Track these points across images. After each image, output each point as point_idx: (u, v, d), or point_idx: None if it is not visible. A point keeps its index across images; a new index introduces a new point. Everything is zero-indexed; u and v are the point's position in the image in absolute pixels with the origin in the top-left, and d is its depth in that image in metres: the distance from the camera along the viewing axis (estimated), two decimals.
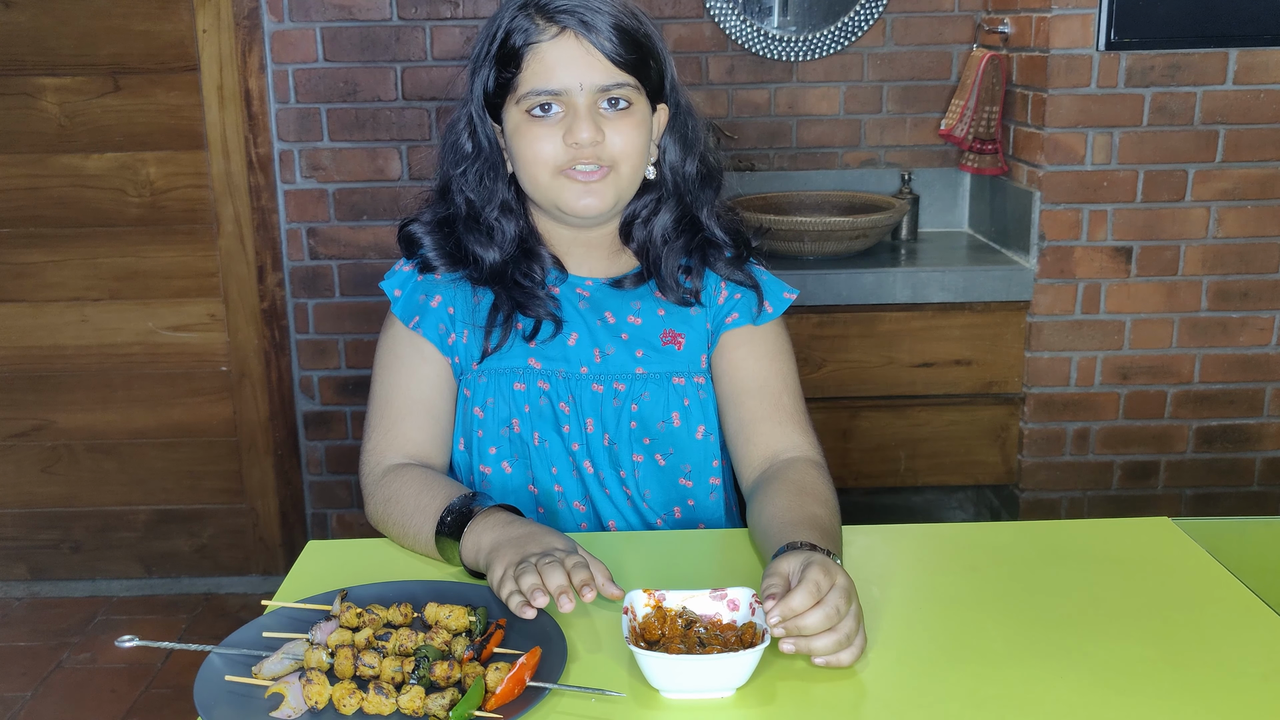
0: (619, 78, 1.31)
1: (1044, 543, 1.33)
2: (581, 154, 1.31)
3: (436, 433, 1.41)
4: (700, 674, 1.00)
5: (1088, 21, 2.43)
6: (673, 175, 1.41)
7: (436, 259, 1.41)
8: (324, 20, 2.81)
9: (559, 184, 1.34)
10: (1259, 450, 2.68)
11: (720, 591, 1.10)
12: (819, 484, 1.32)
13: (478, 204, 1.39)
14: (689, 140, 1.42)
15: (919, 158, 2.97)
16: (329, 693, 0.99)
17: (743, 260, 1.45)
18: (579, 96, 1.30)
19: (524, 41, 1.30)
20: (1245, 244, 2.55)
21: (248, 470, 3.04)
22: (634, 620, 1.07)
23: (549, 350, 1.41)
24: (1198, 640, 1.11)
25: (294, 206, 2.90)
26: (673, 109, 1.40)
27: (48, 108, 2.82)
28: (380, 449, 1.38)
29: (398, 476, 1.34)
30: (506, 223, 1.40)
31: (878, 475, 2.70)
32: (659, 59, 1.36)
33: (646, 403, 1.41)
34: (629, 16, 1.32)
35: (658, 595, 1.09)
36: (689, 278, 1.43)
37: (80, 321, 2.94)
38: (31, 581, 3.08)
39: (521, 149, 1.34)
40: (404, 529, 1.30)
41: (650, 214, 1.42)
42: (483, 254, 1.39)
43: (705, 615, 1.09)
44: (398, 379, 1.40)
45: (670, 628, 1.07)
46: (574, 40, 1.29)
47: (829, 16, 2.86)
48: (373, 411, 1.41)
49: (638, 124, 1.34)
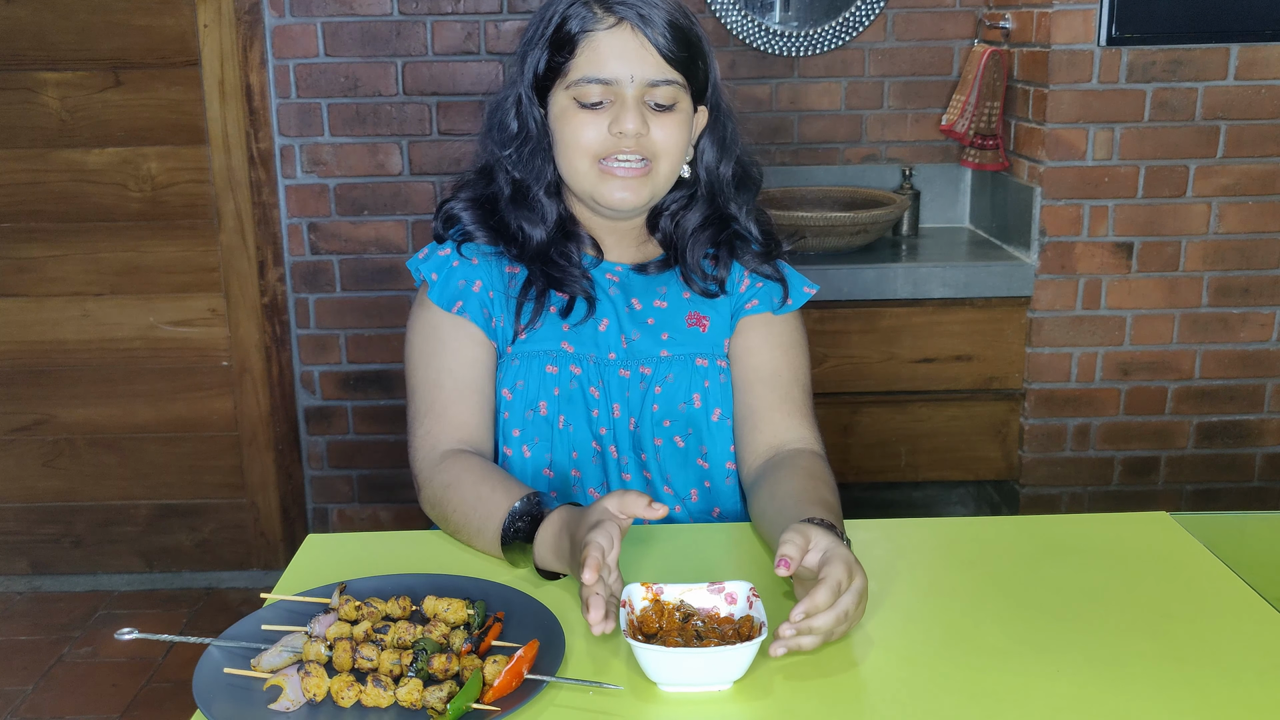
0: (669, 74, 1.33)
1: (1043, 538, 1.33)
2: (624, 144, 1.33)
3: (487, 416, 1.40)
4: (697, 667, 1.01)
5: (1089, 17, 2.43)
6: (707, 176, 1.44)
7: (477, 231, 1.42)
8: (325, 15, 2.80)
9: (597, 174, 1.35)
10: (1259, 446, 2.68)
11: (718, 585, 1.10)
12: (826, 474, 1.35)
13: (526, 182, 1.40)
14: (726, 143, 1.44)
15: (920, 153, 2.97)
16: (327, 685, 1.00)
17: (770, 257, 1.47)
18: (628, 88, 1.32)
19: (580, 28, 1.32)
20: (1246, 240, 2.55)
21: (249, 465, 3.04)
22: (632, 613, 1.07)
23: (581, 334, 1.42)
24: (1196, 635, 1.11)
25: (295, 201, 2.90)
26: (712, 111, 1.43)
27: (49, 102, 2.82)
28: (434, 434, 1.37)
29: (454, 465, 1.32)
30: (550, 204, 1.41)
31: (878, 470, 2.70)
32: (706, 59, 1.39)
33: (670, 384, 1.42)
34: (682, 15, 1.35)
35: (655, 589, 1.09)
36: (715, 265, 1.45)
37: (81, 316, 2.94)
38: (33, 576, 3.09)
39: (565, 134, 1.35)
40: (465, 519, 1.28)
41: (680, 209, 1.45)
42: (531, 231, 1.40)
43: (703, 609, 1.09)
44: (446, 362, 1.39)
45: (668, 621, 1.07)
46: (630, 32, 1.32)
47: (830, 12, 2.86)
48: (420, 397, 1.39)
49: (681, 123, 1.36)
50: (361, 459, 3.04)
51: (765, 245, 1.47)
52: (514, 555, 1.23)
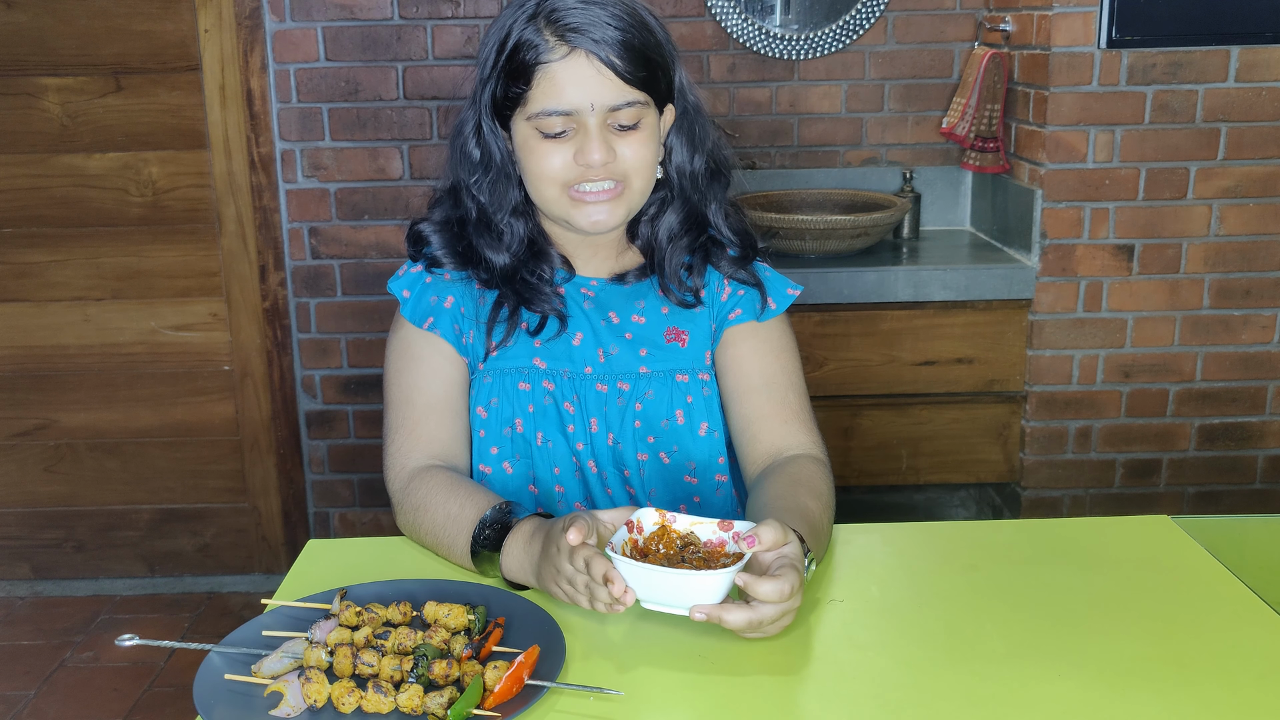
0: (629, 95, 1.29)
1: (1043, 541, 1.33)
2: (591, 174, 1.31)
3: (459, 430, 1.40)
4: (662, 585, 1.05)
5: (1089, 19, 2.43)
6: (678, 175, 1.41)
7: (445, 257, 1.41)
8: (325, 20, 2.81)
9: (568, 201, 1.33)
10: (1261, 448, 2.68)
11: (728, 523, 1.13)
12: (816, 478, 1.32)
13: (489, 209, 1.39)
14: (697, 138, 1.41)
15: (920, 156, 2.97)
16: (328, 691, 1.00)
17: (747, 260, 1.45)
18: (589, 116, 1.29)
19: (534, 60, 1.28)
20: (1247, 242, 2.55)
21: (250, 469, 3.04)
22: (640, 533, 1.11)
23: (554, 350, 1.41)
24: (1197, 639, 1.10)
25: (296, 206, 2.90)
26: (680, 108, 1.40)
27: (50, 108, 2.83)
28: (404, 451, 1.37)
29: (424, 482, 1.32)
30: (517, 224, 1.40)
31: (880, 473, 2.70)
32: (667, 68, 1.34)
33: (650, 401, 1.41)
34: (638, 29, 1.30)
35: (669, 516, 1.13)
36: (691, 275, 1.43)
37: (83, 321, 2.95)
38: (35, 581, 3.09)
39: (530, 165, 1.33)
40: (437, 539, 1.28)
41: (657, 212, 1.42)
42: (493, 258, 1.39)
43: (709, 542, 1.12)
44: (416, 379, 1.39)
45: (666, 544, 1.11)
46: (585, 60, 1.27)
47: (830, 15, 2.86)
48: (392, 414, 1.40)
49: (647, 138, 1.33)
50: (362, 463, 3.04)
51: (741, 248, 1.44)
52: (483, 565, 1.23)
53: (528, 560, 1.17)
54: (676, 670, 1.06)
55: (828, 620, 1.15)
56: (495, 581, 1.22)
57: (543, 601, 1.16)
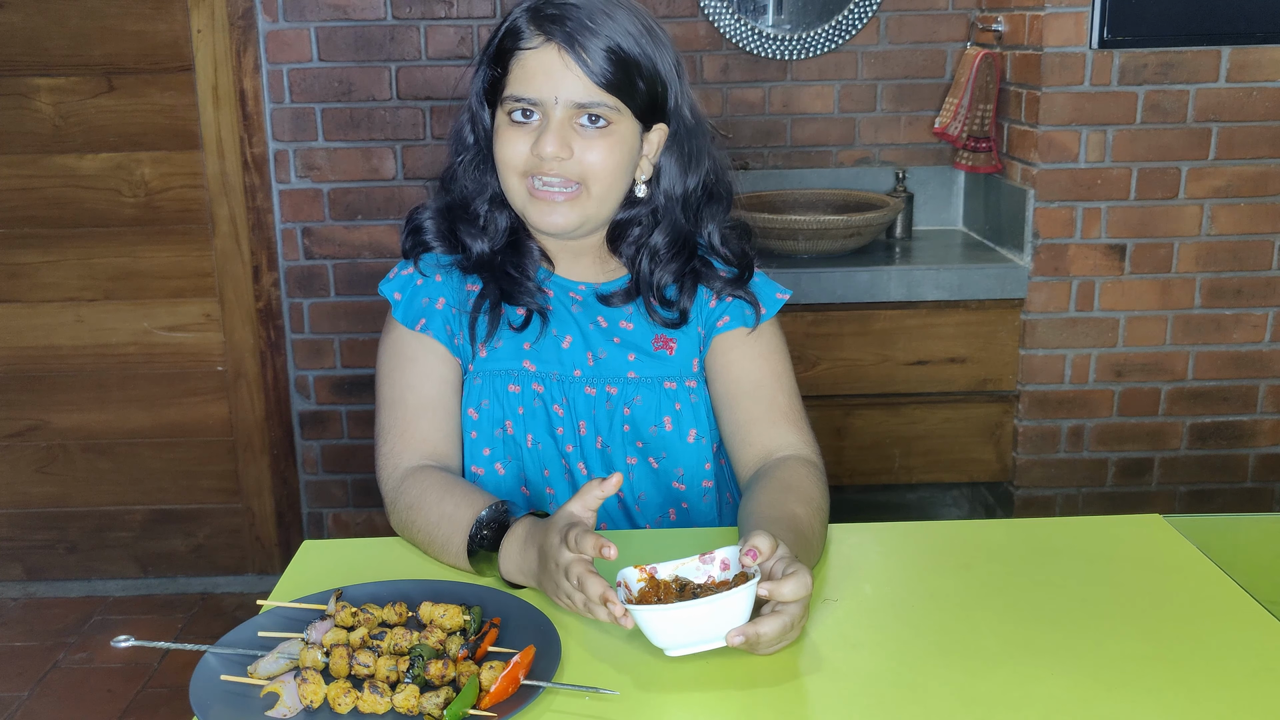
0: (599, 97, 1.29)
1: (1036, 540, 1.34)
2: (546, 167, 1.31)
3: (451, 430, 1.40)
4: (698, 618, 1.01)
5: (1081, 20, 2.44)
6: (666, 197, 1.40)
7: (434, 240, 1.42)
8: (318, 20, 2.81)
9: (527, 194, 1.34)
10: (1253, 447, 2.69)
11: (708, 555, 1.11)
12: (805, 482, 1.32)
13: (470, 193, 1.41)
14: (690, 160, 1.39)
15: (913, 156, 2.98)
16: (324, 692, 1.00)
17: (743, 282, 1.43)
18: (554, 109, 1.29)
19: (513, 45, 1.30)
20: (1238, 241, 2.56)
21: (244, 470, 3.04)
22: (630, 595, 1.08)
23: (543, 353, 1.41)
24: (1188, 637, 1.11)
25: (289, 206, 2.90)
26: (674, 129, 1.38)
27: (42, 108, 2.82)
28: (396, 452, 1.37)
29: (418, 482, 1.32)
30: (498, 215, 1.41)
31: (872, 473, 2.71)
32: (653, 81, 1.32)
33: (638, 406, 1.41)
34: (630, 38, 1.29)
35: (649, 568, 1.10)
36: (681, 295, 1.41)
37: (75, 322, 2.94)
38: (27, 582, 3.08)
39: (497, 150, 1.34)
40: (431, 539, 1.28)
41: (643, 233, 1.41)
42: (471, 244, 1.40)
43: (699, 580, 1.10)
44: (408, 379, 1.39)
45: (665, 593, 1.08)
46: (556, 53, 1.28)
47: (823, 15, 2.86)
48: (384, 415, 1.39)
49: (615, 144, 1.32)
50: (356, 464, 3.04)
51: (739, 270, 1.43)
52: (480, 565, 1.23)
53: (525, 562, 1.17)
54: (672, 670, 1.06)
55: (821, 620, 1.15)
56: (491, 581, 1.23)
57: (538, 601, 1.16)
